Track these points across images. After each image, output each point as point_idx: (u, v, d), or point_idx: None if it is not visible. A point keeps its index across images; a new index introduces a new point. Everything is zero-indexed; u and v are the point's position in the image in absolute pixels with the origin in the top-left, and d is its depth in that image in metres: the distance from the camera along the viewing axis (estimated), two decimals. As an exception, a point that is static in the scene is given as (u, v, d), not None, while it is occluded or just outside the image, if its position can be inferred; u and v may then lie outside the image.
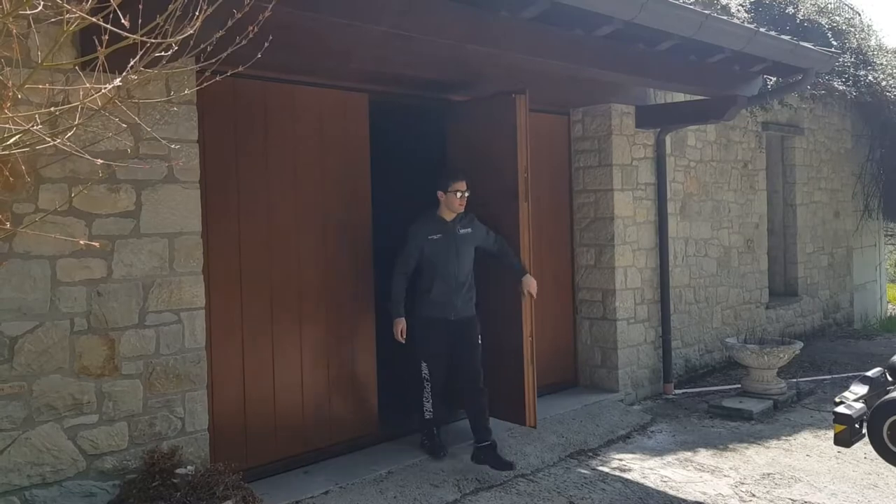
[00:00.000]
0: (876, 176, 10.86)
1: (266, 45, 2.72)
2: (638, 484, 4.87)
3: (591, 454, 5.43)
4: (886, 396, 3.24)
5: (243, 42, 2.37)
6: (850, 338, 9.78)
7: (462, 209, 5.11)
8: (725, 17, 6.34)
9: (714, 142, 8.08)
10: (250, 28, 2.38)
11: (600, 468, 5.16)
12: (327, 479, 4.69)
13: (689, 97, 7.05)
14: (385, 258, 5.34)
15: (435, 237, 5.06)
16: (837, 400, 3.52)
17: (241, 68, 2.63)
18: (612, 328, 6.80)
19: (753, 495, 4.65)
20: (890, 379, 3.84)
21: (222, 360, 4.56)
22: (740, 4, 8.09)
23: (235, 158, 4.64)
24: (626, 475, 5.02)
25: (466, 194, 5.06)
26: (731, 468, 5.13)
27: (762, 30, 6.25)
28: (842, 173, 10.48)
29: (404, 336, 5.02)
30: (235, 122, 4.65)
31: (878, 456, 3.40)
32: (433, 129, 6.14)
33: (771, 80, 7.14)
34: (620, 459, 5.34)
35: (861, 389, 3.64)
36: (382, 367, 5.47)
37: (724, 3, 7.89)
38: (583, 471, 5.10)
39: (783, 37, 6.37)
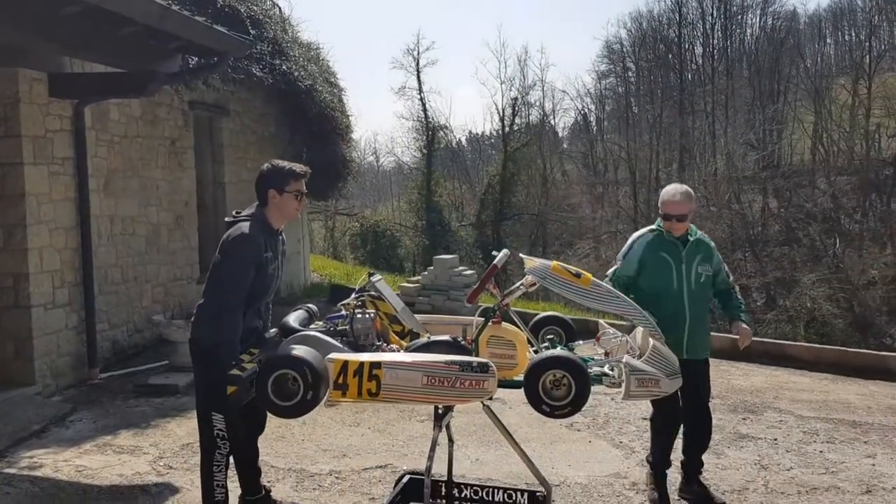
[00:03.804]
0: (297, 158, 12.01)
1: None
2: (49, 479, 4.53)
3: (-4, 458, 4.88)
4: (267, 356, 3.55)
5: None
6: (277, 304, 10.67)
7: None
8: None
9: (140, 117, 7.91)
10: None
11: (6, 470, 4.66)
12: None
13: (109, 69, 6.75)
14: None
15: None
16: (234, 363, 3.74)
17: None
18: (27, 316, 6.20)
19: (171, 468, 4.74)
20: (283, 339, 4.25)
21: None
22: (162, -20, 8.03)
23: None
24: (35, 472, 4.63)
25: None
26: (151, 445, 5.14)
27: (176, 8, 6.33)
28: (268, 154, 11.20)
29: None
30: None
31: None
32: None
33: (193, 60, 7.28)
34: (31, 457, 4.90)
35: (256, 350, 3.94)
36: None
37: (144, -24, 7.74)
38: (-16, 478, 4.54)
39: (199, 18, 6.54)
